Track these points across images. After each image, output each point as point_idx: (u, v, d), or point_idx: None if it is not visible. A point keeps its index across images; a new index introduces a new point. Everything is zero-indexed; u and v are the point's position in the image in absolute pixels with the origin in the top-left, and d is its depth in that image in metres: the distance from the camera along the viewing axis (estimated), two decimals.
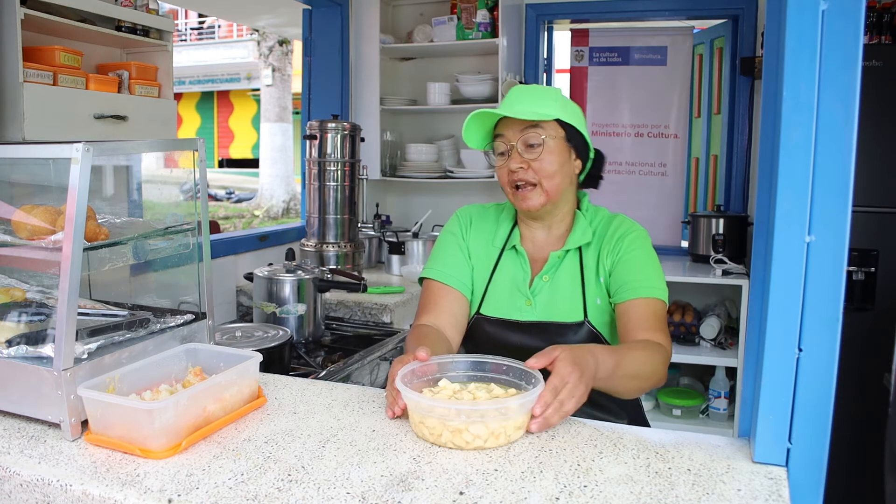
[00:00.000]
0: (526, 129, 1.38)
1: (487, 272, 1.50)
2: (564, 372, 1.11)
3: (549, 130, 1.38)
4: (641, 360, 1.27)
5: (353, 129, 2.77)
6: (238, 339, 1.88)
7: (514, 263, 1.48)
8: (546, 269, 1.45)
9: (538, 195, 1.39)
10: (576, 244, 1.44)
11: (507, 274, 1.48)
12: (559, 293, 1.44)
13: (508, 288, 1.47)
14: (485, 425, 1.05)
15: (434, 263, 1.52)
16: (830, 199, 0.90)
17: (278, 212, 12.80)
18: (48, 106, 1.66)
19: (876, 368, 2.43)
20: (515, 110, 1.36)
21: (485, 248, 1.52)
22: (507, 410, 1.06)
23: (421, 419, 1.09)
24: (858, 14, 0.87)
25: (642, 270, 1.39)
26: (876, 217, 2.59)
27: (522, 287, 1.45)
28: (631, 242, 1.42)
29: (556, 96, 1.41)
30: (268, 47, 12.71)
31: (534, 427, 1.10)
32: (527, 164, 1.38)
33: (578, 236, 1.44)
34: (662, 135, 3.49)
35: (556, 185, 1.40)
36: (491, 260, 1.50)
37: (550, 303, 1.44)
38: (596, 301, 1.42)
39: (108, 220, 1.41)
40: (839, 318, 0.91)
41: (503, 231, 1.52)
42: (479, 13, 3.19)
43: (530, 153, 1.38)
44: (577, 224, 1.46)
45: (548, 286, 1.44)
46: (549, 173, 1.38)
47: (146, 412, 1.02)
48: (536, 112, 1.36)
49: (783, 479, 0.96)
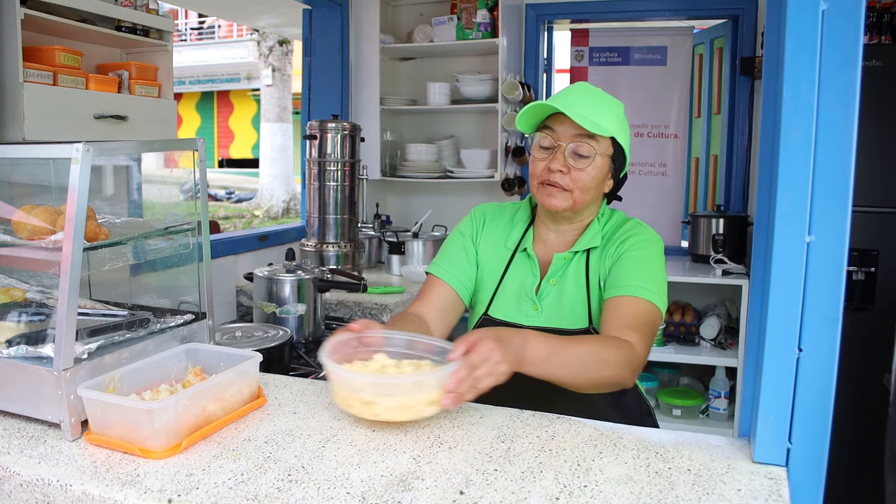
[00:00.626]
0: (581, 136, 1.33)
1: (498, 273, 1.48)
2: (484, 349, 1.09)
3: (602, 146, 1.34)
4: (588, 351, 1.20)
5: (353, 129, 2.77)
6: (238, 339, 1.88)
7: (524, 267, 1.46)
8: (552, 272, 1.42)
9: (565, 199, 1.36)
10: (583, 247, 1.42)
11: (516, 277, 1.46)
12: (565, 298, 1.41)
13: (517, 292, 1.45)
14: (395, 398, 1.07)
15: (439, 260, 1.53)
16: (830, 199, 0.90)
17: (278, 212, 12.80)
18: (48, 106, 1.66)
19: (876, 368, 2.43)
20: (578, 113, 1.30)
21: (497, 249, 1.50)
22: (419, 385, 1.07)
23: (337, 390, 1.13)
24: (858, 14, 0.87)
25: (637, 270, 1.34)
26: (876, 217, 2.59)
27: (530, 292, 1.43)
28: (634, 244, 1.38)
29: (618, 112, 1.37)
30: (268, 47, 12.72)
31: (446, 401, 1.08)
32: (568, 168, 1.34)
33: (587, 240, 1.42)
34: (662, 135, 3.50)
35: (587, 199, 1.37)
36: (502, 261, 1.48)
37: (556, 308, 1.42)
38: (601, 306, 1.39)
39: (108, 220, 1.41)
40: (839, 318, 0.91)
41: (517, 233, 1.49)
42: (479, 13, 3.19)
43: (577, 162, 1.34)
44: (588, 228, 1.44)
45: (555, 290, 1.42)
46: (585, 186, 1.35)
47: (146, 412, 1.02)
48: (598, 124, 1.31)
49: (783, 479, 0.96)
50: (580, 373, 1.20)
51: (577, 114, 1.30)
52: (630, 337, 1.26)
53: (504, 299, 1.46)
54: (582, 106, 1.33)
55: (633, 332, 1.27)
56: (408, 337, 1.24)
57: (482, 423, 1.17)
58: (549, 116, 1.37)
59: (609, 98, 1.40)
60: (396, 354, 1.23)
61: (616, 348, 1.22)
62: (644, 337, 1.28)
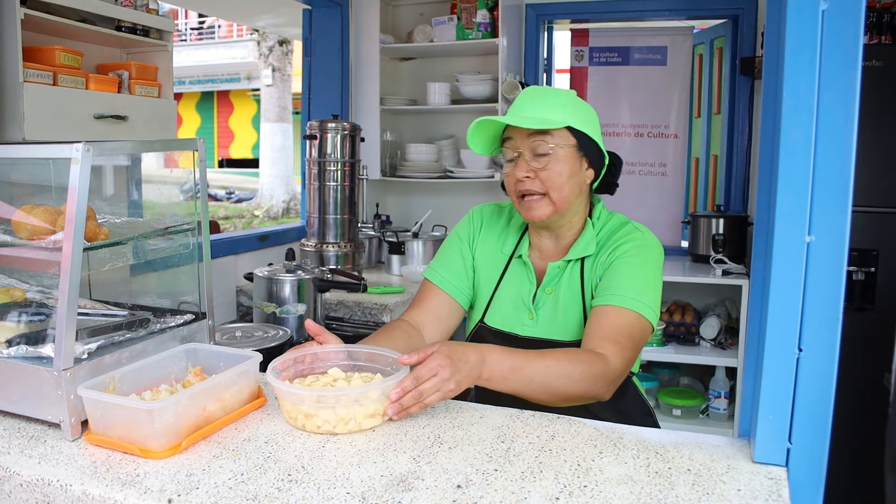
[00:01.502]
0: (534, 136, 1.31)
1: (494, 280, 1.46)
2: (434, 364, 1.11)
3: (558, 139, 1.30)
4: (554, 367, 1.17)
5: (353, 129, 2.77)
6: (238, 339, 1.88)
7: (520, 274, 1.44)
8: (547, 280, 1.40)
9: (545, 206, 1.33)
10: (577, 255, 1.38)
11: (512, 285, 1.44)
12: (560, 307, 1.39)
13: (513, 300, 1.43)
14: (333, 411, 1.10)
15: (436, 265, 1.52)
16: (830, 199, 0.90)
17: (278, 212, 12.80)
18: (48, 106, 1.66)
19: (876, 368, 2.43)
20: (521, 117, 1.30)
21: (493, 254, 1.48)
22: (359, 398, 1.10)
23: (282, 403, 1.16)
24: (858, 14, 0.87)
25: (628, 278, 1.30)
26: (876, 217, 2.59)
27: (527, 300, 1.41)
28: (628, 250, 1.34)
29: (567, 100, 1.33)
30: (268, 47, 12.71)
31: (389, 411, 1.12)
32: (534, 172, 1.32)
33: (581, 248, 1.38)
34: (662, 135, 3.50)
35: (564, 196, 1.33)
36: (498, 268, 1.46)
37: (552, 317, 1.39)
38: None
39: (108, 220, 1.41)
40: (839, 318, 0.91)
41: (512, 239, 1.47)
42: (479, 13, 3.19)
43: (538, 162, 1.31)
44: (583, 234, 1.39)
45: (550, 299, 1.40)
46: (557, 184, 1.31)
47: (146, 412, 1.02)
48: (545, 119, 1.29)
49: (783, 479, 0.96)
50: (545, 389, 1.19)
51: (521, 118, 1.29)
52: (606, 349, 1.23)
53: (500, 307, 1.44)
54: (526, 108, 1.32)
55: (611, 344, 1.24)
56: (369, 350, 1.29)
57: (482, 423, 1.17)
58: (505, 129, 1.37)
59: (557, 91, 1.37)
60: (351, 367, 1.28)
61: (585, 363, 1.19)
62: (623, 350, 1.24)
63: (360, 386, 1.18)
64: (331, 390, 1.16)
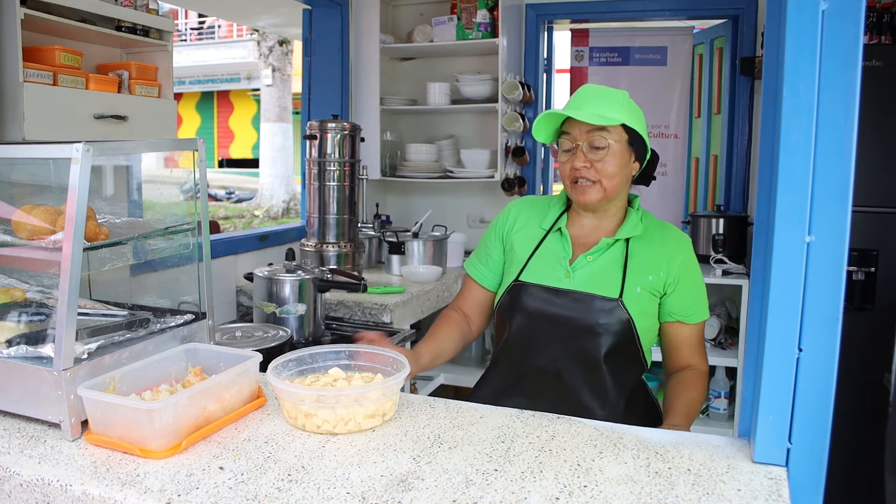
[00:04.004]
0: (592, 132, 1.44)
1: (531, 248, 1.57)
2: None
3: (613, 134, 1.44)
4: (698, 401, 1.51)
5: (353, 129, 2.77)
6: (238, 339, 1.88)
7: (557, 243, 1.55)
8: (594, 250, 1.51)
9: (596, 191, 1.46)
10: (627, 234, 1.50)
11: (550, 249, 1.55)
12: (599, 271, 1.50)
13: (549, 260, 1.53)
14: (333, 411, 1.11)
15: (474, 258, 1.69)
16: (830, 199, 0.90)
17: (278, 212, 12.80)
18: (48, 106, 1.66)
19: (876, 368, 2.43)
20: (584, 113, 1.41)
21: (532, 231, 1.59)
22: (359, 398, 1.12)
23: (282, 402, 1.17)
24: (858, 14, 0.87)
25: (695, 293, 1.54)
26: (876, 217, 2.59)
27: (563, 262, 1.52)
28: (687, 262, 1.53)
29: (623, 100, 1.47)
30: (268, 47, 12.71)
31: None
32: (590, 163, 1.45)
33: (630, 228, 1.51)
34: (662, 135, 3.50)
35: (615, 184, 1.46)
36: (536, 238, 1.57)
37: (589, 278, 1.49)
38: (636, 289, 1.48)
39: (108, 220, 1.41)
40: (839, 318, 0.91)
41: (552, 215, 1.59)
42: (479, 13, 3.18)
43: (595, 154, 1.44)
44: (629, 218, 1.53)
45: (590, 265, 1.50)
46: (609, 174, 1.45)
47: (146, 412, 1.02)
48: (604, 116, 1.41)
49: (783, 479, 0.96)
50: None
51: (584, 113, 1.42)
52: (702, 363, 1.56)
53: (536, 266, 1.54)
54: (587, 104, 1.45)
55: (699, 356, 1.56)
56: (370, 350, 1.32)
57: (482, 423, 1.18)
58: (564, 122, 1.49)
59: (612, 91, 1.49)
60: (351, 367, 1.30)
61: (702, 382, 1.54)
62: (704, 351, 1.58)
63: (360, 386, 1.18)
64: (331, 390, 1.16)
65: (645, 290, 1.48)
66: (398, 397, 1.22)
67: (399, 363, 1.26)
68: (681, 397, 1.49)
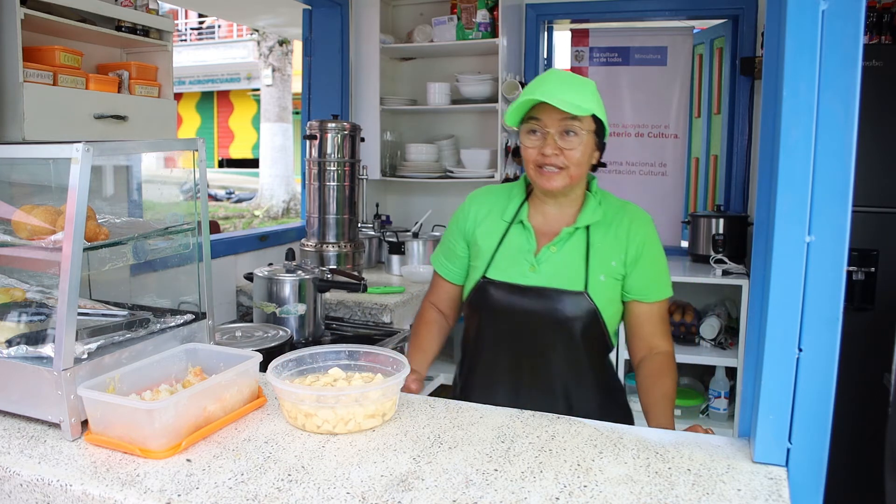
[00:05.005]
0: (566, 120, 1.43)
1: (495, 243, 1.56)
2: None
3: (585, 124, 1.45)
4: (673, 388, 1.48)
5: (353, 129, 2.77)
6: (238, 339, 1.88)
7: (520, 236, 1.54)
8: (556, 241, 1.51)
9: (563, 178, 1.46)
10: (586, 222, 1.51)
11: (513, 243, 1.54)
12: (563, 263, 1.50)
13: (513, 255, 1.53)
14: (333, 411, 1.11)
15: (438, 253, 1.69)
16: (830, 199, 0.90)
17: (278, 212, 12.80)
18: (48, 106, 1.66)
19: (876, 368, 2.43)
20: (560, 100, 1.40)
21: (494, 223, 1.58)
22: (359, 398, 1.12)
23: (282, 402, 1.17)
24: (858, 14, 0.87)
25: (656, 271, 1.52)
26: (876, 217, 2.59)
27: (528, 255, 1.51)
28: (647, 240, 1.52)
29: (593, 90, 1.48)
30: (268, 47, 12.71)
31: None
32: (560, 150, 1.45)
33: (589, 215, 1.51)
34: (662, 135, 3.49)
35: (581, 172, 1.48)
36: (499, 232, 1.57)
37: (554, 271, 1.49)
38: (599, 277, 1.48)
39: (108, 220, 1.41)
40: (839, 318, 0.91)
41: (513, 206, 1.58)
42: (479, 13, 3.18)
43: (566, 142, 1.44)
44: (587, 204, 1.53)
45: (554, 256, 1.50)
46: (577, 162, 1.46)
47: (146, 412, 1.02)
48: (580, 106, 1.41)
49: (783, 479, 0.96)
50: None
51: (560, 101, 1.40)
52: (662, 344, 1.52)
53: (501, 262, 1.54)
54: (560, 91, 1.43)
55: (663, 337, 1.53)
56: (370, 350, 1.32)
57: (482, 423, 1.18)
58: (534, 107, 1.47)
59: (581, 80, 1.50)
60: (351, 367, 1.30)
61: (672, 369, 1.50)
62: (668, 331, 1.55)
63: (360, 386, 1.18)
64: (331, 390, 1.16)
65: (609, 276, 1.49)
66: (398, 397, 1.22)
67: (399, 363, 1.26)
68: (652, 393, 1.46)
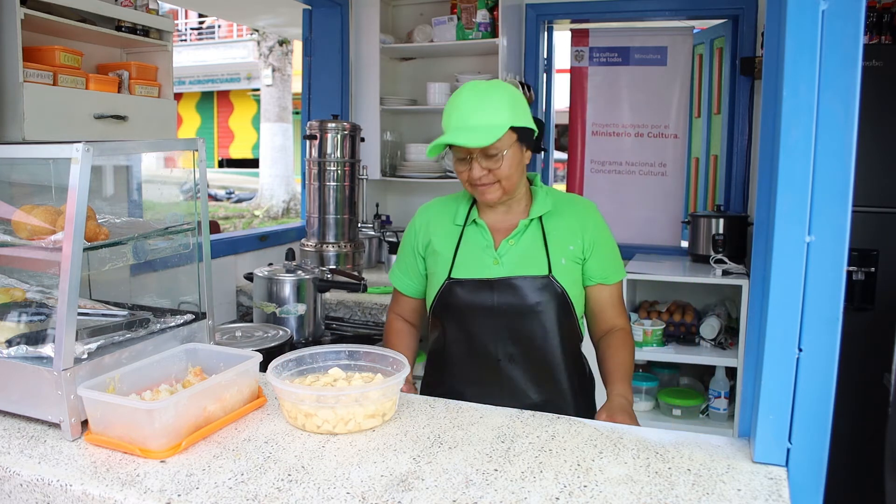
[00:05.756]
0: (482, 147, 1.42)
1: (453, 245, 1.58)
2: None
3: (504, 142, 1.43)
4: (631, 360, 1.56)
5: (353, 129, 2.77)
6: (238, 339, 1.88)
7: (476, 234, 1.57)
8: (513, 234, 1.54)
9: (496, 190, 1.49)
10: (539, 212, 1.55)
11: (471, 242, 1.56)
12: (524, 253, 1.53)
13: (475, 253, 1.55)
14: (333, 411, 1.11)
15: (396, 269, 1.70)
16: (830, 199, 0.90)
17: (278, 212, 12.80)
18: (48, 106, 1.66)
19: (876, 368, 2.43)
20: (467, 135, 1.39)
21: (447, 230, 1.60)
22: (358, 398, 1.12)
23: (282, 402, 1.17)
24: (858, 14, 0.87)
25: (609, 255, 1.59)
26: (876, 217, 2.59)
27: (489, 251, 1.54)
28: (600, 226, 1.59)
29: (505, 98, 1.44)
30: (268, 47, 12.71)
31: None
32: (487, 169, 1.46)
33: (540, 206, 1.55)
34: (662, 135, 3.49)
35: (513, 182, 1.50)
36: (455, 236, 1.59)
37: (517, 261, 1.52)
38: (560, 261, 1.52)
39: (108, 220, 1.41)
40: (839, 318, 0.91)
41: (463, 210, 1.60)
42: (479, 13, 3.18)
43: (489, 162, 1.45)
44: (536, 197, 1.58)
45: (514, 248, 1.53)
46: (507, 175, 1.47)
47: (146, 412, 1.02)
48: (489, 132, 1.40)
49: (783, 479, 0.96)
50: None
51: (466, 136, 1.40)
52: (622, 322, 1.61)
53: (463, 262, 1.56)
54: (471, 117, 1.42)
55: (621, 316, 1.61)
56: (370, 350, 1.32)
57: (482, 423, 1.18)
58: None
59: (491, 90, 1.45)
60: (351, 367, 1.30)
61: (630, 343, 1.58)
62: (625, 310, 1.65)
63: (360, 386, 1.18)
64: (331, 390, 1.16)
65: (569, 260, 1.53)
66: (398, 397, 1.22)
67: (399, 363, 1.26)
68: (614, 360, 1.55)
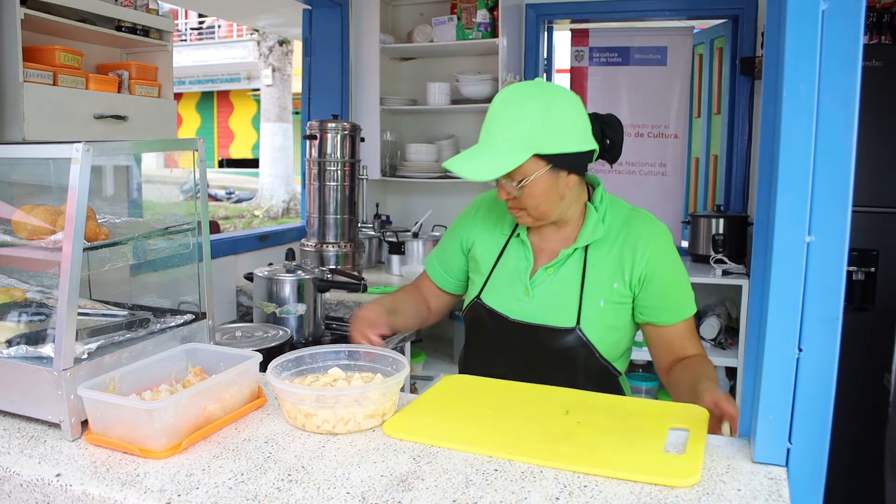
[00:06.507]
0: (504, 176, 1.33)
1: (493, 258, 1.52)
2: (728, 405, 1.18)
3: (525, 171, 1.31)
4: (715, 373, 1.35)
5: (353, 129, 2.77)
6: (238, 339, 1.88)
7: (517, 253, 1.49)
8: (553, 263, 1.43)
9: (527, 218, 1.41)
10: (585, 242, 1.40)
11: (510, 262, 1.49)
12: (557, 290, 1.42)
13: (509, 277, 1.48)
14: (332, 411, 1.11)
15: (433, 256, 1.65)
16: (830, 199, 0.90)
17: (278, 212, 12.80)
18: (48, 106, 1.66)
19: (876, 368, 2.43)
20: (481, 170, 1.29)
21: (493, 235, 1.54)
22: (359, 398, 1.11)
23: (282, 402, 1.17)
24: (858, 14, 0.87)
25: (675, 289, 1.40)
26: (876, 217, 2.59)
27: (524, 277, 1.45)
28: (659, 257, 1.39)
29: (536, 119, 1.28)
30: (268, 47, 12.71)
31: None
32: (512, 196, 1.37)
33: (589, 234, 1.40)
34: (662, 135, 3.49)
35: (541, 211, 1.37)
36: (498, 246, 1.52)
37: (547, 298, 1.42)
38: (598, 304, 1.39)
39: (108, 220, 1.41)
40: (839, 318, 0.91)
41: (511, 221, 1.52)
42: (479, 13, 3.19)
43: (513, 188, 1.35)
44: (588, 220, 1.42)
45: (550, 279, 1.43)
46: (534, 204, 1.36)
47: (146, 412, 1.02)
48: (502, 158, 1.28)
49: (783, 479, 0.96)
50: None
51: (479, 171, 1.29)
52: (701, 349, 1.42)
53: (497, 284, 1.49)
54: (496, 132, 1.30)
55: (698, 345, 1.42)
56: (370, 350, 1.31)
57: None
58: None
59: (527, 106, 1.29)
60: (351, 367, 1.29)
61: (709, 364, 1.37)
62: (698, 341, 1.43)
63: (360, 386, 1.18)
64: (331, 390, 1.16)
65: (610, 302, 1.39)
66: (398, 397, 1.22)
67: (399, 363, 1.26)
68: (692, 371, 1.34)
